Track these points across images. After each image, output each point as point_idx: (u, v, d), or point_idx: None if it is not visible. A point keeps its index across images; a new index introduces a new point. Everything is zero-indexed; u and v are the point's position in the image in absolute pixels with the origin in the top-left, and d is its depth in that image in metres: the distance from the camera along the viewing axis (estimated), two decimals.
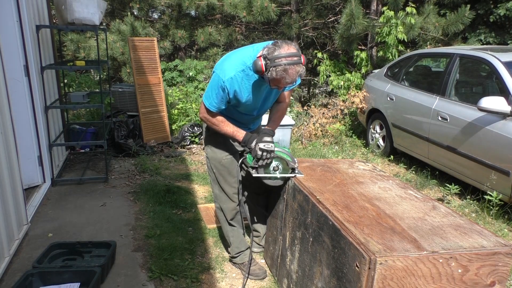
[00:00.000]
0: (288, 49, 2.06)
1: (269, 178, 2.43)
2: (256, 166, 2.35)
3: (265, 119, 2.82)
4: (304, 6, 8.10)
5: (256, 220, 2.96)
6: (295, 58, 2.06)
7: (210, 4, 7.68)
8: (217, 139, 2.58)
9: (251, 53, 2.27)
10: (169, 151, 5.52)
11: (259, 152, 2.30)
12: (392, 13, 6.22)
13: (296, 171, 2.43)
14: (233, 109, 2.46)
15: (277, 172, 2.38)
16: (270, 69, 2.05)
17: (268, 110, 2.69)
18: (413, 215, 1.94)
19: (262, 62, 2.08)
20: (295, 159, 2.44)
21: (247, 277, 2.65)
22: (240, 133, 2.41)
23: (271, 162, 2.37)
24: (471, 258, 1.65)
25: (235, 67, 2.25)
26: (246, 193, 2.82)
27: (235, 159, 2.63)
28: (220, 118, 2.41)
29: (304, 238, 2.18)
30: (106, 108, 5.55)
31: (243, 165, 2.56)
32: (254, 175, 2.38)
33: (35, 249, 2.92)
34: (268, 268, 2.79)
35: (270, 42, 2.17)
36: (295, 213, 2.30)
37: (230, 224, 2.73)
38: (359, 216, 1.89)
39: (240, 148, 2.70)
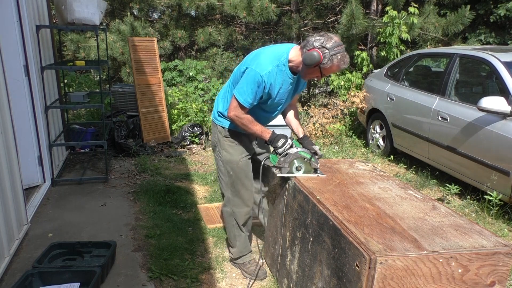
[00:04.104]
0: (337, 39, 2.20)
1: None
2: (280, 166, 2.37)
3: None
4: (304, 6, 8.10)
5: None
6: (344, 46, 2.23)
7: (210, 4, 7.69)
8: (232, 141, 2.57)
9: (283, 50, 2.33)
10: (169, 151, 5.52)
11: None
12: (395, 13, 6.22)
13: (318, 171, 2.45)
14: (256, 108, 2.44)
15: (300, 172, 2.41)
16: (331, 57, 2.16)
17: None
18: (413, 215, 1.94)
19: (320, 53, 2.15)
20: (318, 160, 2.46)
21: (255, 279, 2.66)
22: (267, 133, 2.44)
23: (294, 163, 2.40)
24: (471, 258, 1.65)
25: (271, 62, 2.28)
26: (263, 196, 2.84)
27: (250, 160, 2.65)
28: (249, 117, 2.41)
29: (304, 238, 2.17)
30: (106, 108, 5.55)
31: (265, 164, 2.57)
32: (278, 174, 2.40)
33: (35, 249, 2.92)
34: (268, 268, 2.79)
35: (307, 40, 2.24)
36: (295, 213, 2.30)
37: (240, 229, 2.72)
38: (359, 216, 1.89)
39: (259, 149, 2.73)
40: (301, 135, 2.62)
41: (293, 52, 2.31)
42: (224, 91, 2.61)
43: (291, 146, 2.41)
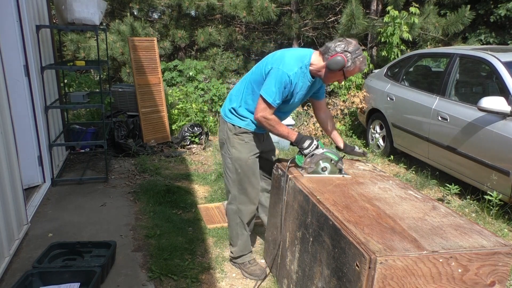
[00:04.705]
0: (355, 43, 2.32)
1: None
2: (306, 166, 2.41)
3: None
4: (304, 6, 8.10)
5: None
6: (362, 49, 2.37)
7: (210, 4, 7.69)
8: (242, 138, 2.59)
9: (305, 53, 2.41)
10: (169, 151, 5.52)
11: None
12: (396, 12, 6.22)
13: (343, 172, 2.47)
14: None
15: (325, 172, 2.45)
16: (354, 60, 2.27)
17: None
18: (413, 215, 1.94)
19: (344, 57, 2.25)
20: (342, 160, 2.49)
21: (261, 281, 2.67)
22: (293, 134, 2.48)
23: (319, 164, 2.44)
24: (471, 258, 1.65)
25: (296, 63, 2.35)
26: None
27: (257, 159, 2.68)
28: (276, 118, 2.44)
29: (304, 238, 2.18)
30: (106, 108, 5.54)
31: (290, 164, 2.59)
32: (304, 175, 2.43)
33: (35, 249, 2.92)
34: (268, 268, 2.79)
35: (330, 44, 2.33)
36: (295, 213, 2.30)
37: (243, 228, 2.72)
38: (359, 216, 1.89)
39: (266, 147, 2.74)
40: (341, 145, 2.68)
41: (314, 57, 2.39)
42: (237, 89, 2.62)
43: (317, 147, 2.45)
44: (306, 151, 2.44)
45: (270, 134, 2.67)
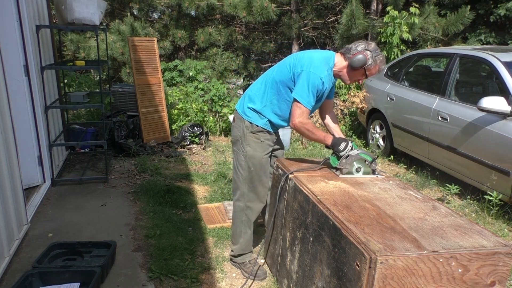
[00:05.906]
0: (374, 44, 2.43)
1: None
2: (342, 167, 2.46)
3: None
4: (304, 6, 8.11)
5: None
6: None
7: (210, 4, 7.69)
8: (258, 137, 2.61)
9: (329, 55, 2.48)
10: (169, 151, 5.52)
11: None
12: (396, 12, 6.22)
13: (376, 172, 2.51)
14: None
15: (359, 173, 2.49)
16: (374, 59, 2.36)
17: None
18: (413, 215, 1.94)
19: (365, 55, 2.34)
20: (376, 161, 2.52)
21: (254, 279, 2.67)
22: (329, 137, 2.53)
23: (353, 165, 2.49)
24: (471, 257, 1.65)
25: (325, 65, 2.43)
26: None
27: (269, 158, 2.71)
28: (312, 122, 2.48)
29: (304, 238, 2.17)
30: (106, 108, 5.54)
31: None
32: (340, 176, 2.46)
33: (35, 249, 2.92)
34: (268, 268, 2.79)
35: (349, 47, 2.42)
36: (296, 213, 2.30)
37: (248, 226, 2.72)
38: (359, 216, 1.89)
39: (276, 146, 2.77)
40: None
41: (337, 58, 2.46)
42: (258, 89, 2.62)
43: (352, 149, 2.50)
44: (342, 153, 2.48)
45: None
